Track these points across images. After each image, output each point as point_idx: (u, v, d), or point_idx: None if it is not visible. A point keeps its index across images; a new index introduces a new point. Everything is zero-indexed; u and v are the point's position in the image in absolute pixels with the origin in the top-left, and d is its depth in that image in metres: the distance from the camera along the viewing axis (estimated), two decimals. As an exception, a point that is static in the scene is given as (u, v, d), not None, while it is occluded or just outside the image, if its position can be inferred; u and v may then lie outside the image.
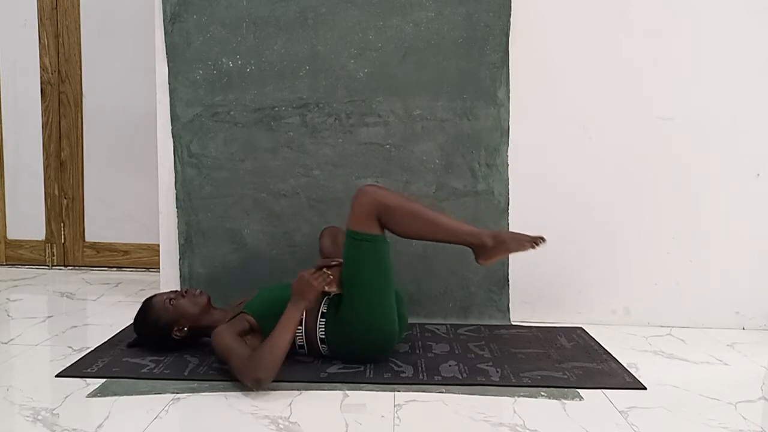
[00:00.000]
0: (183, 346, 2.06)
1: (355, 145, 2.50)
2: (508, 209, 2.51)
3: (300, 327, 1.96)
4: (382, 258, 1.97)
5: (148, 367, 1.93)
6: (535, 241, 1.97)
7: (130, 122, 3.27)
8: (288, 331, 1.85)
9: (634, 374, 1.98)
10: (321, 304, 1.99)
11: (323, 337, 1.97)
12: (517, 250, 1.99)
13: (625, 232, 2.51)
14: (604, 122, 2.49)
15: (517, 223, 2.50)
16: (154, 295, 2.09)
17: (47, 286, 3.04)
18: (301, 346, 1.99)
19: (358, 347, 1.98)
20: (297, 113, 2.50)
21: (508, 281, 2.53)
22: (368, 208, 1.94)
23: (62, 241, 3.38)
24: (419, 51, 2.46)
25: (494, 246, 1.98)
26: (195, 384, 1.83)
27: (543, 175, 2.51)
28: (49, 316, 2.53)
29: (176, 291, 2.08)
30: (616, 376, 1.96)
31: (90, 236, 3.39)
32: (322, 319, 1.97)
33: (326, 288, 1.92)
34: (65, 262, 3.40)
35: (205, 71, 2.51)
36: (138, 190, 3.27)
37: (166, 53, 2.52)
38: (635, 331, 2.45)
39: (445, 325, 2.46)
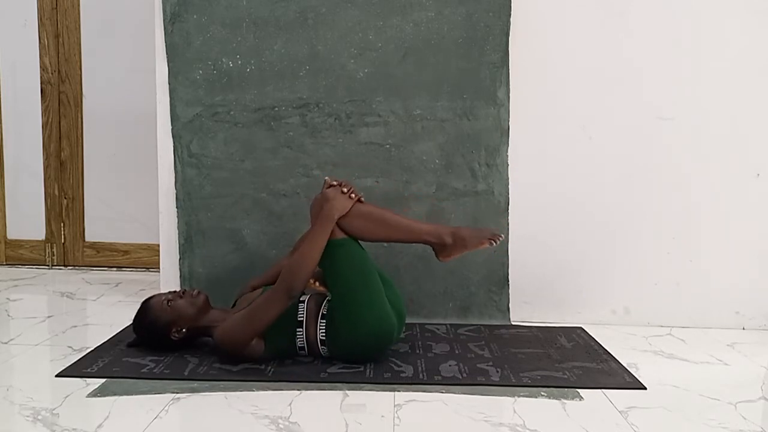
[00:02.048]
0: (182, 346, 2.06)
1: (355, 145, 2.50)
2: (508, 209, 2.51)
3: (301, 329, 1.97)
4: (356, 258, 1.97)
5: (148, 367, 1.93)
6: (493, 239, 1.99)
7: (130, 122, 3.27)
8: (321, 241, 1.92)
9: (634, 374, 1.98)
10: (321, 306, 1.99)
11: (323, 338, 1.97)
12: (476, 247, 2.01)
13: (625, 232, 2.52)
14: (604, 122, 2.49)
15: (517, 223, 2.51)
16: (152, 296, 2.09)
17: (47, 286, 3.04)
18: (302, 348, 1.99)
19: (356, 348, 1.97)
20: (297, 113, 2.50)
21: (508, 281, 2.53)
22: None
23: (62, 241, 3.38)
24: (419, 51, 2.47)
25: (454, 243, 2.01)
26: (195, 384, 1.83)
27: (543, 175, 2.51)
28: (49, 316, 2.54)
29: (174, 291, 2.08)
30: (616, 376, 1.96)
31: (90, 236, 3.39)
32: (322, 321, 1.97)
33: (352, 195, 1.99)
34: (65, 262, 3.40)
35: (205, 71, 2.51)
36: (138, 190, 3.27)
37: (166, 53, 2.52)
38: (635, 331, 2.45)
39: (445, 325, 2.46)
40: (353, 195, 2.00)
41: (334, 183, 2.02)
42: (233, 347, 1.93)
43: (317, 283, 2.07)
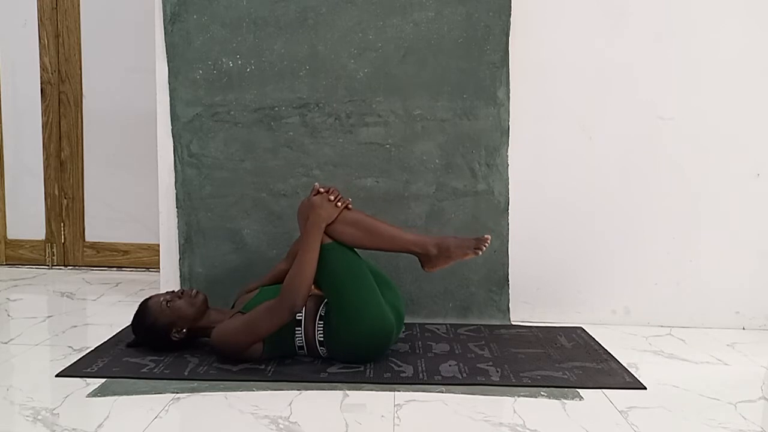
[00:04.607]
0: (182, 346, 2.06)
1: (355, 145, 2.50)
2: (508, 209, 2.51)
3: (299, 328, 1.96)
4: (347, 260, 1.97)
5: (148, 367, 1.93)
6: (479, 247, 1.97)
7: (130, 122, 3.27)
8: (312, 251, 1.91)
9: (634, 374, 1.98)
10: (319, 307, 1.99)
11: (321, 339, 1.97)
12: (461, 257, 2.00)
13: (625, 232, 2.51)
14: (604, 122, 2.49)
15: (517, 223, 2.51)
16: (151, 297, 2.08)
17: (47, 286, 3.04)
18: (301, 348, 1.99)
19: (355, 349, 1.97)
20: (297, 113, 2.50)
21: (508, 281, 2.53)
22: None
23: (62, 241, 3.38)
24: (419, 51, 2.46)
25: (438, 254, 2.00)
26: (195, 384, 1.83)
27: (543, 175, 2.51)
28: (49, 316, 2.54)
29: (172, 292, 2.08)
30: (616, 376, 1.96)
31: (90, 236, 3.39)
32: (320, 322, 1.97)
33: (339, 204, 1.97)
34: (65, 262, 3.40)
35: (205, 71, 2.51)
36: (138, 190, 3.27)
37: (166, 53, 2.52)
38: (635, 331, 2.45)
39: (445, 325, 2.46)
40: (340, 203, 1.99)
41: (322, 190, 2.01)
42: (229, 351, 1.94)
43: (313, 286, 2.06)
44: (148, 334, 2.05)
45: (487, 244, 1.97)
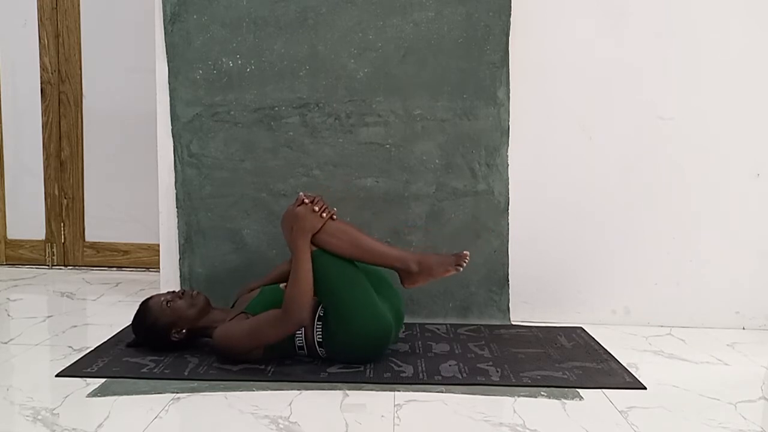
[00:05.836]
0: (182, 346, 2.06)
1: (355, 145, 2.50)
2: (508, 209, 2.51)
3: (299, 331, 1.96)
4: (337, 265, 1.97)
5: (148, 367, 1.93)
6: (459, 263, 1.97)
7: (130, 122, 3.27)
8: (305, 264, 1.91)
9: (634, 374, 1.98)
10: (318, 308, 1.99)
11: (320, 341, 1.97)
12: (442, 274, 2.00)
13: (625, 232, 2.52)
14: (604, 122, 2.49)
15: (517, 223, 2.51)
16: (151, 297, 2.09)
17: (47, 285, 3.04)
18: (301, 348, 1.99)
19: (354, 349, 1.97)
20: (297, 113, 2.50)
21: (508, 281, 2.53)
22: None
23: (62, 240, 3.38)
24: (419, 51, 2.46)
25: (420, 271, 2.00)
26: (195, 384, 1.83)
27: (543, 175, 2.51)
28: (49, 316, 2.54)
29: (173, 292, 2.08)
30: (616, 376, 1.96)
31: (90, 236, 3.39)
32: (318, 323, 1.97)
33: (324, 214, 1.97)
34: (65, 261, 3.40)
35: (205, 71, 2.51)
36: (138, 189, 3.27)
37: (166, 53, 2.52)
38: (635, 331, 2.45)
39: (445, 325, 2.46)
40: (324, 214, 1.98)
41: (306, 201, 1.99)
42: (230, 354, 1.94)
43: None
44: (149, 334, 2.05)
45: (467, 261, 1.98)
